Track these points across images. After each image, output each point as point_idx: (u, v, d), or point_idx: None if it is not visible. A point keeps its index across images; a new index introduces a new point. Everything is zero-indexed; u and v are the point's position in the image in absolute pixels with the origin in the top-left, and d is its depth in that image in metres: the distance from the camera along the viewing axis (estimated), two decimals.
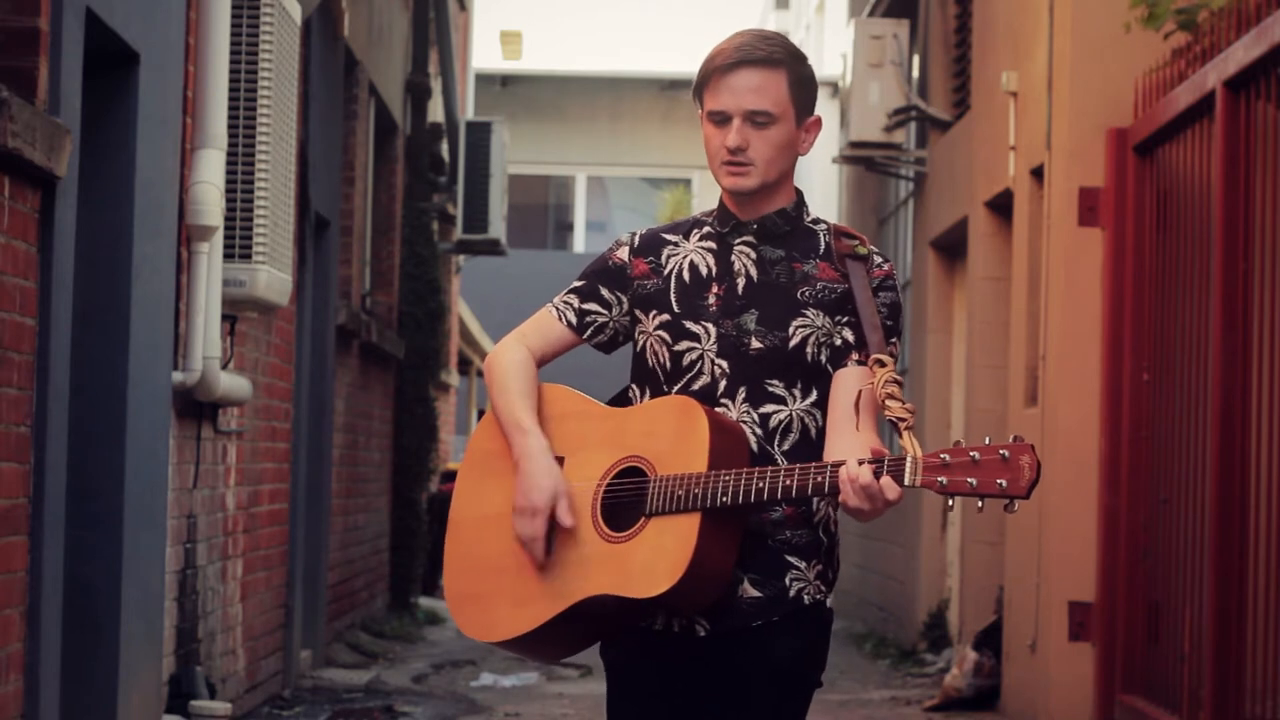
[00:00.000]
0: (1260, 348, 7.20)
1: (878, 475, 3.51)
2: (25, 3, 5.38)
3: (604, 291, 3.85)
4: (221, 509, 8.43)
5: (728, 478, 3.59)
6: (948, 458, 3.48)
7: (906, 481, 3.49)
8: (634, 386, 3.85)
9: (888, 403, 3.62)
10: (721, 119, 3.73)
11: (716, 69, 3.73)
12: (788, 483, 3.57)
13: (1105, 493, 8.93)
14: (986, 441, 3.48)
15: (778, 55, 3.72)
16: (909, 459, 3.50)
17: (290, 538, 10.21)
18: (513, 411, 3.79)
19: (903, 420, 3.58)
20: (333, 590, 12.00)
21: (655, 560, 3.61)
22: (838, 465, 3.55)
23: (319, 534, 11.23)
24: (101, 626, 6.44)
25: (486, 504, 3.84)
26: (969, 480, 3.46)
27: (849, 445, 3.65)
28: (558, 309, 3.88)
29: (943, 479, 3.48)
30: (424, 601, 15.78)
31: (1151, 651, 8.45)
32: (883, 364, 3.66)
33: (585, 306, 3.86)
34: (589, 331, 3.86)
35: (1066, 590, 9.07)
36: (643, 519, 3.65)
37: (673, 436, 3.67)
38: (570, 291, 3.88)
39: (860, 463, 3.53)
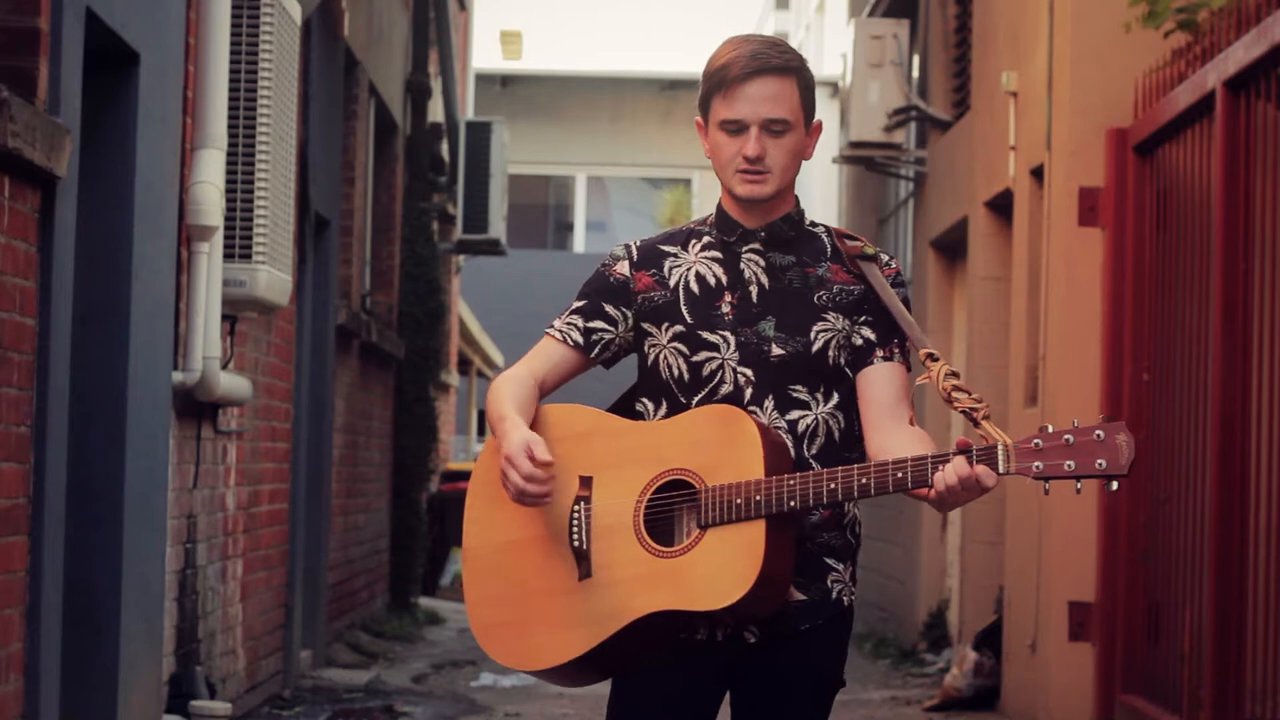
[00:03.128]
0: (1260, 348, 7.20)
1: (970, 464, 3.49)
2: (25, 3, 5.38)
3: (608, 308, 3.81)
4: (221, 509, 8.43)
5: (792, 482, 3.57)
6: (1040, 443, 3.47)
7: (1001, 469, 3.48)
8: (644, 400, 3.80)
9: (954, 394, 3.59)
10: (737, 128, 3.69)
11: (733, 78, 3.67)
12: (864, 481, 3.55)
13: (1105, 493, 8.93)
14: (1075, 424, 3.48)
15: (793, 63, 3.70)
16: (1000, 446, 3.48)
17: (290, 538, 10.21)
18: (498, 408, 3.74)
19: (975, 409, 3.56)
20: (333, 590, 12.00)
21: (720, 572, 3.57)
22: (921, 459, 3.52)
23: (319, 534, 11.23)
24: (101, 626, 6.44)
25: (502, 531, 3.78)
26: (1066, 463, 3.46)
27: (904, 440, 3.64)
28: (561, 332, 3.82)
29: (1038, 464, 3.47)
30: (424, 601, 15.79)
31: (1151, 651, 8.45)
32: (935, 358, 3.65)
33: (591, 325, 3.81)
34: (597, 350, 3.81)
35: (1066, 590, 9.07)
36: (698, 531, 3.61)
37: (719, 445, 3.63)
38: (572, 313, 3.83)
39: (948, 455, 3.50)
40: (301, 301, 10.33)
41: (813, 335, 3.72)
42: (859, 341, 3.74)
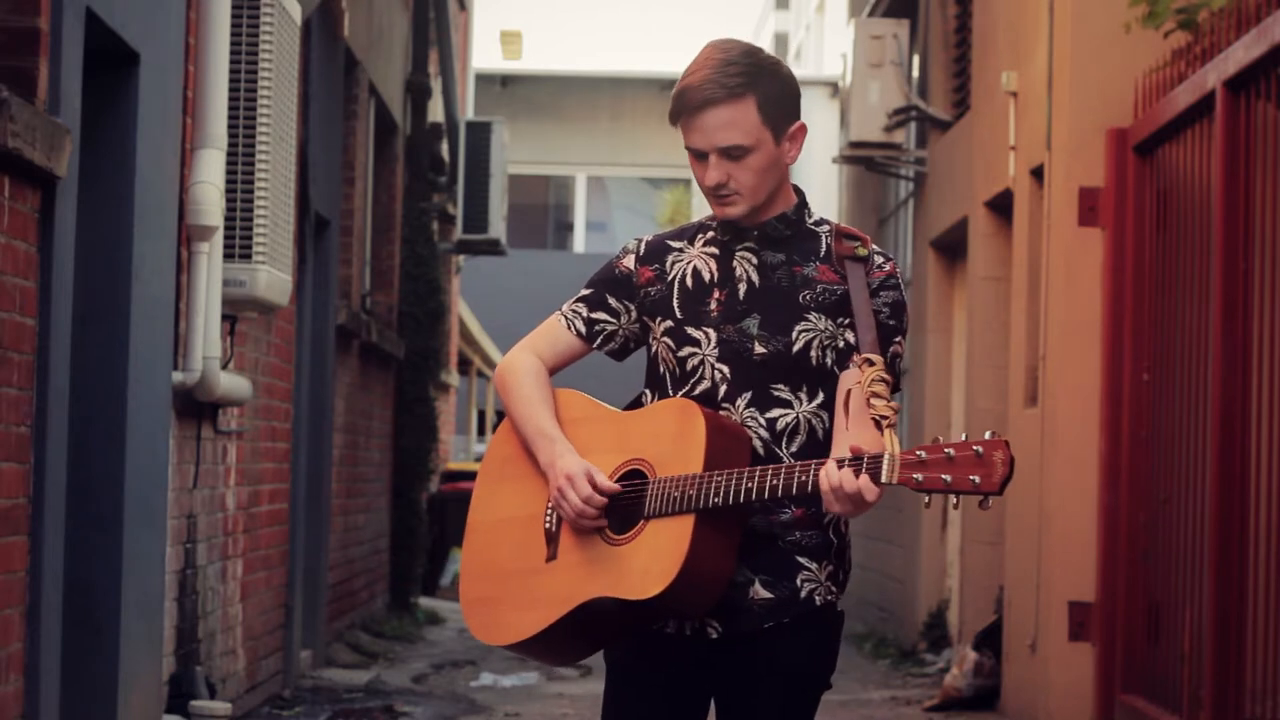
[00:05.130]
0: (1260, 348, 7.20)
1: (856, 474, 3.50)
2: (25, 3, 5.38)
3: (611, 300, 3.86)
4: (221, 509, 8.43)
5: (719, 478, 3.60)
6: (924, 454, 3.47)
7: (884, 479, 3.49)
8: (647, 391, 3.87)
9: (872, 400, 3.60)
10: (699, 155, 3.73)
11: (684, 109, 3.71)
12: (774, 482, 3.58)
13: (1105, 493, 8.93)
14: (963, 438, 3.47)
15: (740, 88, 3.68)
16: (886, 457, 3.49)
17: (290, 538, 10.21)
18: (538, 421, 3.80)
19: (885, 418, 3.57)
20: (333, 590, 12.00)
21: (651, 562, 3.62)
22: (820, 464, 3.55)
23: (319, 534, 11.23)
24: (101, 626, 6.43)
25: (500, 508, 3.86)
26: (943, 477, 3.45)
27: (841, 445, 3.66)
28: (566, 318, 3.89)
29: (918, 475, 3.46)
30: (424, 601, 15.78)
31: (1151, 651, 8.45)
32: (871, 363, 3.65)
33: (594, 316, 3.87)
34: (599, 340, 3.88)
35: (1066, 590, 9.07)
36: (642, 521, 3.66)
37: (672, 438, 3.68)
38: (578, 300, 3.89)
39: (840, 463, 3.53)
40: (301, 301, 10.33)
41: (794, 335, 3.74)
42: (842, 344, 3.75)
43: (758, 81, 3.70)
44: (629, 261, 3.86)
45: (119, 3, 6.17)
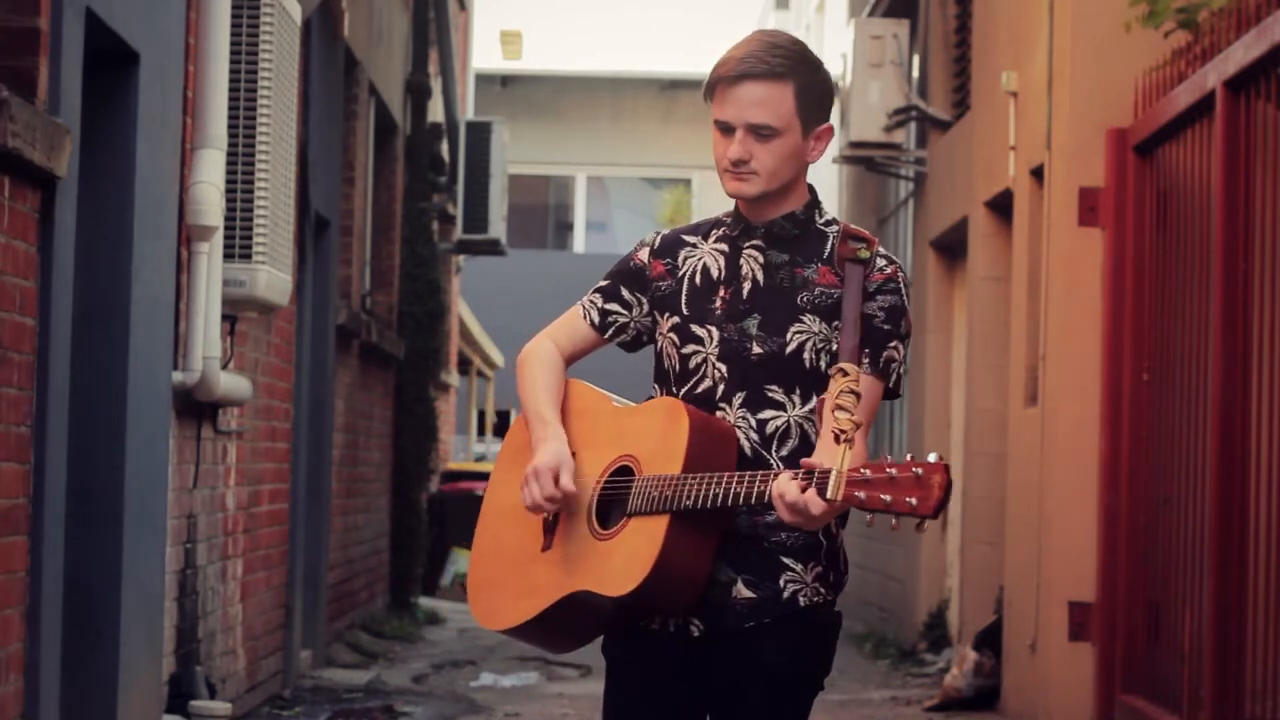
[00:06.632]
0: (1260, 348, 7.20)
1: (804, 488, 3.50)
2: (25, 3, 5.38)
3: (625, 292, 3.89)
4: (221, 509, 8.43)
5: (693, 482, 3.61)
6: (868, 473, 3.45)
7: (829, 495, 3.46)
8: (655, 386, 3.88)
9: (836, 414, 3.55)
10: (725, 128, 3.73)
11: (721, 80, 3.72)
12: (737, 489, 3.58)
13: (1105, 493, 8.93)
14: (908, 458, 3.45)
15: (781, 68, 3.70)
16: (833, 473, 3.47)
17: (290, 538, 10.21)
18: (536, 405, 3.85)
19: (843, 432, 3.52)
20: (333, 590, 12.00)
21: (629, 559, 3.65)
22: (778, 475, 3.55)
23: (319, 534, 11.23)
24: (101, 626, 6.44)
25: (506, 496, 3.91)
26: (883, 497, 3.44)
27: (819, 454, 3.64)
28: (584, 307, 3.93)
29: (861, 494, 3.45)
30: (424, 601, 15.78)
31: (1151, 651, 8.45)
32: (845, 373, 3.61)
33: (607, 307, 3.90)
34: (610, 331, 3.90)
35: (1066, 590, 9.07)
36: (625, 518, 3.69)
37: (658, 437, 3.71)
38: (596, 290, 3.93)
39: (794, 474, 3.52)
40: (301, 301, 10.33)
41: (789, 337, 3.74)
42: (836, 347, 3.74)
43: (799, 70, 3.71)
44: (644, 255, 3.89)
45: (119, 3, 6.17)
